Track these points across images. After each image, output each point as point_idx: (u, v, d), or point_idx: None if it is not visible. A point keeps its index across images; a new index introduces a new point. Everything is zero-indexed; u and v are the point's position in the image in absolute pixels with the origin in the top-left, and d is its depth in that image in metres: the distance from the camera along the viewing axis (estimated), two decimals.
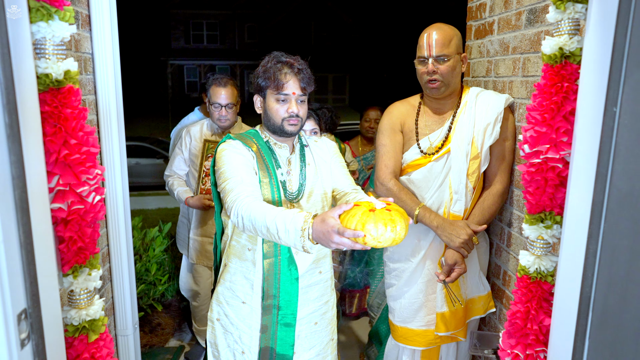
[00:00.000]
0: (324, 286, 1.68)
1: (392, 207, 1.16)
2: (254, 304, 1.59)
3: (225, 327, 1.65)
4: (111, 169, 2.00)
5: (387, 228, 1.11)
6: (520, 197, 1.85)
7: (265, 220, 1.27)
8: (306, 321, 1.65)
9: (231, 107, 2.43)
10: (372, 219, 1.11)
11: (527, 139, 1.00)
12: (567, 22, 0.93)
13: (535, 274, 1.05)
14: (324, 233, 1.15)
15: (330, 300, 1.72)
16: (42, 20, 0.80)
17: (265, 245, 1.55)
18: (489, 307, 1.94)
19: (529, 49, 1.77)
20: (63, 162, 0.85)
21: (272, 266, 1.57)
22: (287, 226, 1.23)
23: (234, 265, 1.61)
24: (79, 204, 0.88)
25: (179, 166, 2.57)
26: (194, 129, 2.56)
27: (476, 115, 1.83)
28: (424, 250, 1.90)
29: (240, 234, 1.59)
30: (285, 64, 1.52)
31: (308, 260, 1.61)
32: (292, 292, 1.59)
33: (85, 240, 0.90)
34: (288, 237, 1.23)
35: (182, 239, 2.71)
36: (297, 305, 1.60)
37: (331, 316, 1.73)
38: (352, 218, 1.13)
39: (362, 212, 1.14)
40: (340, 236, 1.13)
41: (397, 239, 1.13)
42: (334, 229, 1.13)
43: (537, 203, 1.02)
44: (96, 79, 1.94)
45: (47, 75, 0.82)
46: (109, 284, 2.08)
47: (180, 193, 2.50)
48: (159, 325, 3.25)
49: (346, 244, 1.14)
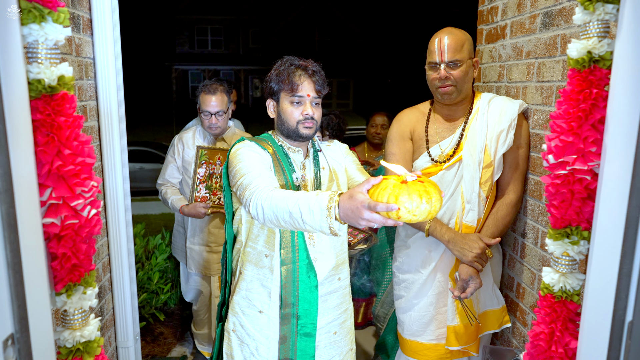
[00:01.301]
0: (343, 293, 1.63)
1: (424, 179, 1.08)
2: (272, 314, 1.53)
3: (241, 338, 1.58)
4: (112, 177, 1.95)
5: (422, 200, 1.01)
6: (535, 207, 1.78)
7: (287, 205, 1.19)
8: (325, 331, 1.59)
9: (221, 114, 2.37)
10: (406, 190, 1.02)
11: (552, 148, 0.93)
12: (596, 23, 0.87)
13: (560, 292, 0.98)
14: (353, 210, 1.07)
15: (348, 309, 1.66)
16: (34, 22, 0.75)
17: (282, 251, 1.50)
18: (503, 321, 1.87)
19: (544, 53, 1.71)
20: (56, 174, 0.80)
21: (290, 273, 1.51)
22: (311, 206, 1.15)
23: (249, 273, 1.55)
24: (73, 219, 0.82)
25: (172, 174, 2.53)
26: (186, 136, 2.51)
27: (489, 122, 1.77)
28: (435, 262, 1.83)
29: (257, 240, 1.53)
30: (299, 67, 1.49)
31: (327, 266, 1.55)
32: (312, 300, 1.53)
33: (79, 257, 0.84)
34: (313, 218, 1.15)
35: (180, 247, 2.67)
36: (317, 314, 1.54)
37: (350, 325, 1.67)
38: (383, 191, 1.04)
39: (393, 184, 1.05)
40: (371, 211, 1.05)
41: (433, 212, 1.04)
42: (363, 204, 1.05)
43: (562, 217, 0.95)
44: (97, 85, 1.89)
45: (39, 81, 0.77)
46: (109, 294, 2.03)
47: (174, 202, 2.45)
48: (161, 334, 3.19)
49: (377, 220, 1.05)
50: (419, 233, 1.84)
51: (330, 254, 1.56)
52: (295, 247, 1.51)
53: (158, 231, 3.67)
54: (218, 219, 2.49)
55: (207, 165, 2.38)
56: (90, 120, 1.84)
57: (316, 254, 1.54)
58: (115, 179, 1.95)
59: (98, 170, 1.90)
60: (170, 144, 2.57)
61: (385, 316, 2.62)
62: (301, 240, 1.51)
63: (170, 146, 2.56)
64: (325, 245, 1.55)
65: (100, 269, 1.92)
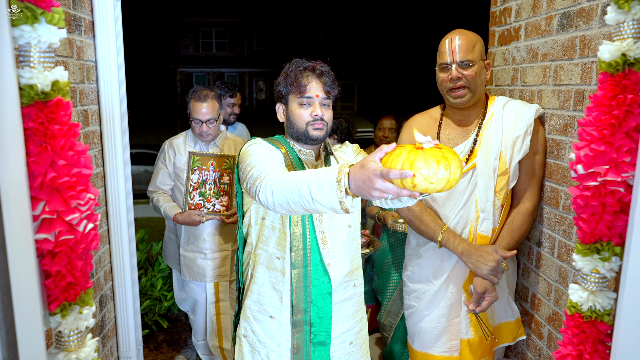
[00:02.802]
0: (358, 301, 1.56)
1: (442, 147, 0.99)
2: (284, 319, 1.47)
3: (252, 344, 1.52)
4: (114, 183, 1.90)
5: (440, 166, 0.92)
6: (551, 215, 1.71)
7: (296, 184, 1.12)
8: (340, 340, 1.52)
9: (212, 122, 2.31)
10: (422, 156, 0.93)
11: (582, 158, 0.87)
12: (631, 23, 0.81)
13: (589, 312, 0.91)
14: (364, 180, 0.99)
15: (363, 317, 1.60)
16: (25, 24, 0.69)
17: (293, 253, 1.43)
18: (518, 334, 1.80)
19: (562, 55, 1.64)
20: (50, 186, 0.74)
21: (302, 277, 1.45)
22: (320, 181, 1.07)
23: (261, 276, 1.49)
24: (68, 234, 0.76)
25: (163, 181, 2.45)
26: (176, 142, 2.44)
27: (504, 127, 1.70)
28: (447, 272, 1.76)
29: (268, 242, 1.47)
30: (307, 68, 1.45)
31: (342, 271, 1.49)
32: (325, 307, 1.46)
33: (75, 275, 0.79)
34: (322, 194, 1.06)
35: (172, 255, 2.58)
36: (331, 322, 1.47)
37: (365, 335, 1.61)
38: (397, 158, 0.95)
39: (408, 150, 0.96)
40: (384, 180, 0.96)
41: (452, 180, 0.95)
42: (375, 172, 0.96)
43: (592, 232, 0.89)
44: (99, 88, 1.84)
45: (31, 86, 0.71)
46: (111, 303, 1.97)
47: (167, 210, 2.37)
48: (165, 341, 3.14)
49: (391, 189, 0.96)
50: (431, 242, 1.77)
51: (344, 259, 1.51)
52: (307, 249, 1.45)
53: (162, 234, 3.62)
54: (212, 226, 2.42)
55: (200, 171, 2.32)
56: (91, 125, 1.79)
57: (330, 259, 1.48)
58: (117, 186, 1.90)
59: (100, 176, 1.85)
60: (160, 149, 2.49)
61: (392, 325, 2.56)
62: (313, 242, 1.45)
63: (160, 152, 2.48)
64: (339, 250, 1.50)
65: (102, 278, 1.86)
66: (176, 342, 3.14)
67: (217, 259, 2.44)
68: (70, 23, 1.60)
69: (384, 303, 2.62)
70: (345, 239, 1.50)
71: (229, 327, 2.52)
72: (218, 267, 2.45)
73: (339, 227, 1.50)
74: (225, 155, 2.36)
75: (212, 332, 2.54)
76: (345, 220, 1.50)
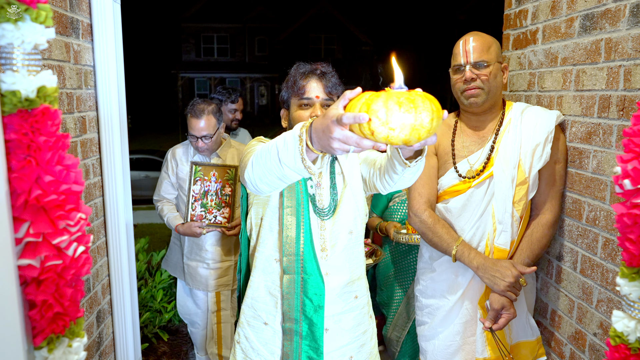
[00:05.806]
0: (361, 313, 1.47)
1: (416, 91, 0.88)
2: (277, 327, 1.40)
3: (245, 351, 1.45)
4: (113, 193, 1.81)
5: (401, 109, 0.81)
6: (573, 228, 1.62)
7: (268, 149, 1.06)
8: (339, 354, 1.42)
9: (208, 138, 2.27)
10: (382, 99, 0.83)
11: (629, 172, 0.78)
12: None
13: (637, 344, 0.82)
14: (324, 130, 0.90)
15: (368, 330, 1.50)
16: (7, 22, 0.61)
17: (285, 258, 1.36)
18: (538, 354, 1.70)
19: (585, 59, 1.55)
20: (35, 205, 0.66)
21: (293, 284, 1.36)
22: (285, 139, 1.00)
23: (256, 280, 1.42)
24: (55, 259, 0.68)
25: (167, 190, 2.44)
26: (178, 152, 2.43)
27: (523, 135, 1.61)
28: (463, 288, 1.67)
29: (266, 243, 1.40)
30: (308, 69, 1.41)
31: (340, 281, 1.40)
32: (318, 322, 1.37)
33: (64, 304, 0.70)
34: (287, 152, 0.99)
35: (176, 262, 2.57)
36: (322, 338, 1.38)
37: (370, 349, 1.51)
38: (356, 102, 0.86)
39: (370, 94, 0.86)
40: (342, 127, 0.86)
41: (420, 127, 0.83)
42: (333, 119, 0.87)
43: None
44: (98, 94, 1.76)
45: (14, 92, 0.63)
46: (109, 318, 1.89)
47: (170, 219, 2.37)
48: (165, 354, 3.04)
49: (351, 139, 0.86)
50: (445, 256, 1.68)
51: (344, 268, 1.42)
52: (300, 256, 1.36)
53: (163, 241, 3.53)
54: (215, 237, 2.37)
55: (202, 182, 2.29)
56: (89, 132, 1.71)
57: (328, 268, 1.39)
58: (116, 195, 1.82)
59: (98, 185, 1.77)
60: (164, 159, 2.49)
61: (399, 339, 2.47)
62: (308, 249, 1.36)
63: (164, 161, 2.48)
64: (339, 258, 1.41)
65: (100, 292, 1.78)
66: (177, 354, 3.05)
67: (220, 269, 2.41)
68: (67, 26, 1.52)
69: (390, 317, 2.53)
70: (345, 247, 1.42)
71: (229, 336, 2.47)
72: (220, 276, 2.41)
73: (339, 233, 1.41)
74: (227, 166, 2.32)
75: (211, 339, 2.50)
76: (346, 226, 1.42)
